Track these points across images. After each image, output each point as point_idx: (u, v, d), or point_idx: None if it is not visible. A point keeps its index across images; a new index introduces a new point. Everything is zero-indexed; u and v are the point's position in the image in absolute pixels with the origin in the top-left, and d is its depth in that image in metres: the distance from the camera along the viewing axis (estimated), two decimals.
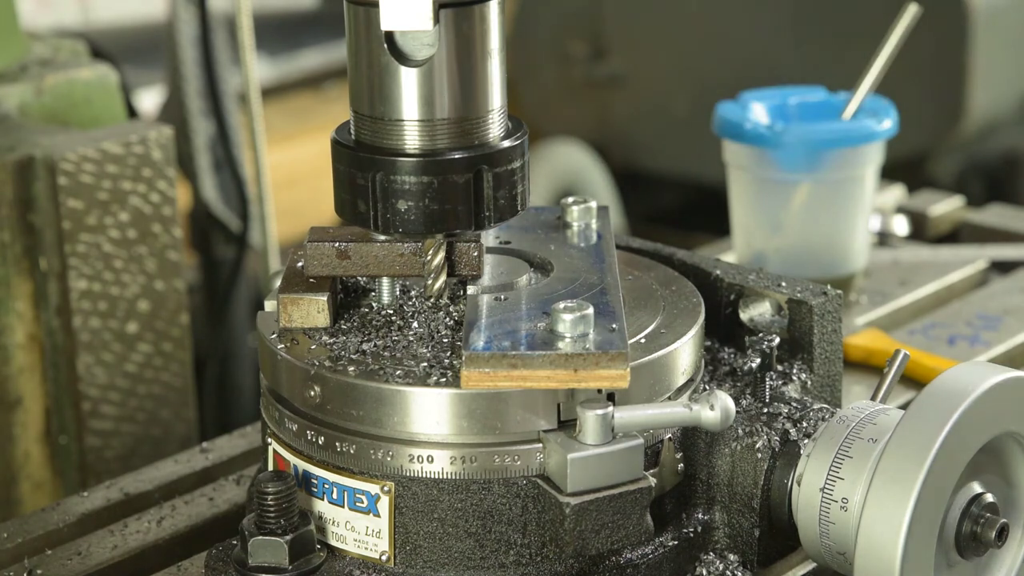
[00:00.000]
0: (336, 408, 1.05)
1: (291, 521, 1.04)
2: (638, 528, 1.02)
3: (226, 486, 1.28)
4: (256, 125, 2.04)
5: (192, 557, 1.17)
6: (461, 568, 1.05)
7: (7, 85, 1.69)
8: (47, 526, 1.23)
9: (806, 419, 1.10)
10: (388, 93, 1.07)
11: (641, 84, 3.72)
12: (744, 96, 1.59)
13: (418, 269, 1.12)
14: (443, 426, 1.03)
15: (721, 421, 1.03)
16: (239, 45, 2.01)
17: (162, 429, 1.67)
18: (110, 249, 1.60)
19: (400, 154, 1.07)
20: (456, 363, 1.05)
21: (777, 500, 1.09)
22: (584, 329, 1.02)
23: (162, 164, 1.62)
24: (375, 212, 1.08)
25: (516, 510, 1.04)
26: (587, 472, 1.01)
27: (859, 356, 1.46)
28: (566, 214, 1.25)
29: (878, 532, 0.97)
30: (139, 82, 2.99)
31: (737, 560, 1.11)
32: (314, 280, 1.12)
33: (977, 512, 1.02)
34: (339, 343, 1.09)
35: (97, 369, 1.61)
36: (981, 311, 1.57)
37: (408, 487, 1.05)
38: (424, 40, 1.06)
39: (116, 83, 1.78)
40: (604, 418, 1.01)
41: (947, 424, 0.97)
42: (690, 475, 1.11)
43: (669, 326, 1.11)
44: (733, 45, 3.51)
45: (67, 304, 1.58)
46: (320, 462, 1.07)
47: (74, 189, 1.56)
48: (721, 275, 1.22)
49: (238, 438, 1.37)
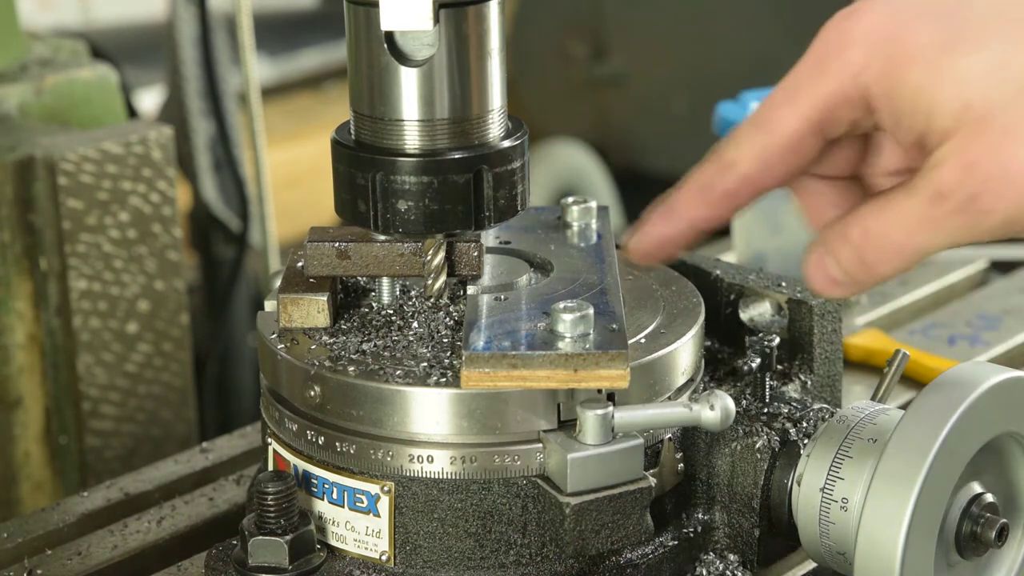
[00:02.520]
0: (336, 408, 1.05)
1: (291, 521, 1.04)
2: (638, 528, 1.02)
3: (226, 486, 1.28)
4: (256, 125, 2.04)
5: (192, 557, 1.17)
6: (461, 568, 1.05)
7: (7, 85, 1.69)
8: (47, 526, 1.23)
9: (806, 419, 1.10)
10: (388, 93, 1.07)
11: (641, 84, 3.72)
12: (744, 96, 1.59)
13: (418, 269, 1.12)
14: (443, 426, 1.03)
15: (721, 421, 1.03)
16: (239, 45, 2.01)
17: (162, 429, 1.67)
18: (110, 249, 1.60)
19: (400, 154, 1.07)
20: (456, 363, 1.05)
21: (777, 500, 1.09)
22: (584, 329, 1.01)
23: (162, 164, 1.62)
24: (375, 212, 1.08)
25: (516, 510, 1.04)
26: (587, 472, 1.01)
27: (859, 356, 1.46)
28: (566, 214, 1.25)
29: (878, 532, 0.97)
30: (139, 82, 2.99)
31: (737, 560, 1.11)
32: (314, 280, 1.12)
33: (977, 512, 1.02)
34: (339, 343, 1.09)
35: (97, 369, 1.61)
36: (981, 311, 1.57)
37: (408, 487, 1.05)
38: (424, 40, 1.06)
39: (116, 83, 1.78)
40: (604, 418, 1.01)
41: (947, 424, 0.97)
42: (690, 475, 1.11)
43: (669, 326, 1.11)
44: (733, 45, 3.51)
45: (67, 304, 1.59)
46: (320, 462, 1.07)
47: (74, 189, 1.56)
48: (721, 275, 1.22)
49: (238, 438, 1.37)
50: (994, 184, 0.87)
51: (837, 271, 0.94)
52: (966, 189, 0.88)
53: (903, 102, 0.90)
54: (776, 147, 0.94)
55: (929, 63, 0.89)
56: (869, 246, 0.92)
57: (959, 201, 0.88)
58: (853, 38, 0.91)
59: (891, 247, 0.92)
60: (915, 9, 0.90)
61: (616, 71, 3.74)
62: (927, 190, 0.89)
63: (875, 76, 0.90)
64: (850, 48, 0.91)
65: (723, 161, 0.95)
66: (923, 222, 0.90)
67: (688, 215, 0.98)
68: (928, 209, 0.89)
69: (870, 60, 0.90)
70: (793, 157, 0.94)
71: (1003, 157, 0.87)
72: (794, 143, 0.93)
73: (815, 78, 0.92)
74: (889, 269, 0.92)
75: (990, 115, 0.87)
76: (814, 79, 0.92)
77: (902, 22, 0.90)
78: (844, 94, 0.92)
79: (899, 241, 0.91)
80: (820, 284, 0.95)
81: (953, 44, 0.88)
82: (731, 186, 0.95)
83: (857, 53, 0.91)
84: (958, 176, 0.88)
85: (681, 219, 0.99)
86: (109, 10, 3.90)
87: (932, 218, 0.89)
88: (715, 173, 0.96)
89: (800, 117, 0.93)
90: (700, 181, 0.97)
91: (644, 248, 1.01)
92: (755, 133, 0.94)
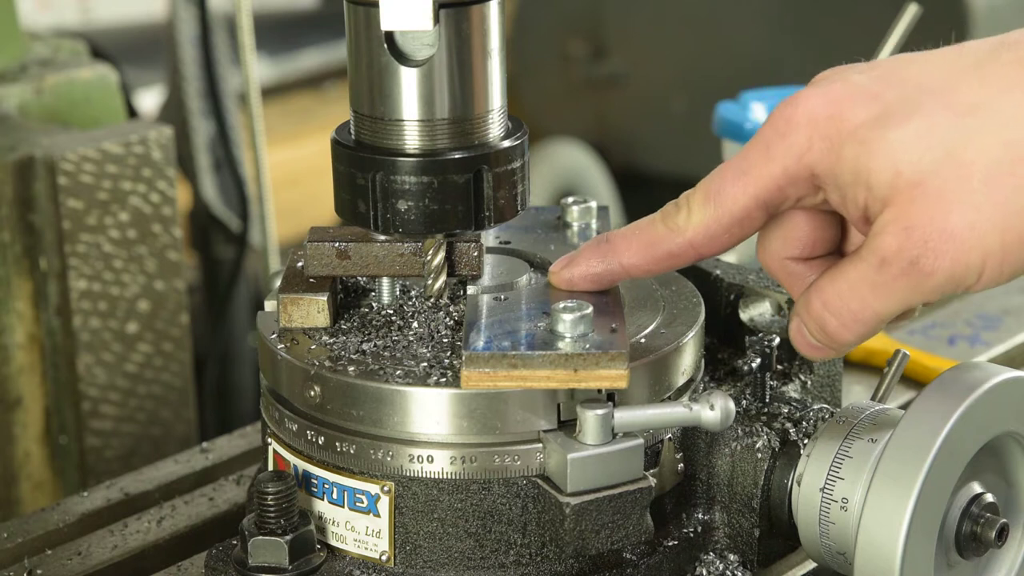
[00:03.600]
0: (336, 408, 1.05)
1: (291, 521, 1.04)
2: (638, 528, 1.02)
3: (226, 486, 1.28)
4: (256, 125, 2.04)
5: (192, 557, 1.17)
6: (461, 568, 1.05)
7: (7, 85, 1.69)
8: (47, 526, 1.23)
9: (806, 419, 1.10)
10: (388, 93, 1.07)
11: (641, 84, 3.72)
12: (744, 96, 1.59)
13: (418, 269, 1.12)
14: (443, 426, 1.03)
15: (721, 421, 1.03)
16: (239, 45, 2.01)
17: (162, 429, 1.67)
18: (110, 249, 1.60)
19: (400, 154, 1.07)
20: (456, 363, 1.05)
21: (777, 500, 1.09)
22: (584, 329, 1.01)
23: (162, 164, 1.62)
24: (375, 212, 1.08)
25: (516, 510, 1.04)
26: (587, 472, 1.01)
27: (859, 356, 1.46)
28: (566, 214, 1.25)
29: (878, 532, 0.97)
30: (139, 82, 2.99)
31: (737, 560, 1.11)
32: (314, 280, 1.12)
33: (977, 512, 1.02)
34: (339, 343, 1.09)
35: (97, 369, 1.61)
36: (981, 311, 1.57)
37: (408, 487, 1.05)
38: (424, 40, 1.06)
39: (116, 83, 1.78)
40: (604, 418, 1.01)
41: (947, 424, 0.97)
42: (690, 475, 1.11)
43: (669, 326, 1.11)
44: (733, 45, 3.51)
45: (67, 304, 1.59)
46: (320, 462, 1.07)
47: (74, 189, 1.56)
48: (721, 275, 1.22)
49: (238, 438, 1.37)
50: (933, 245, 0.93)
51: (812, 339, 1.01)
52: (907, 253, 0.94)
53: (844, 176, 0.96)
54: (724, 221, 1.01)
55: (863, 139, 0.95)
56: (828, 316, 0.99)
57: (902, 265, 0.94)
58: (797, 123, 0.97)
59: (848, 315, 0.98)
60: (849, 91, 0.97)
61: (616, 71, 3.74)
62: (872, 257, 0.95)
63: (818, 156, 0.97)
64: (794, 132, 0.97)
65: (672, 225, 1.02)
66: (873, 288, 0.96)
67: (626, 262, 1.05)
68: (875, 275, 0.95)
69: (812, 142, 0.97)
70: (738, 230, 1.01)
71: (938, 220, 0.93)
72: (741, 219, 1.00)
73: (764, 161, 0.99)
74: (852, 336, 0.99)
75: (922, 181, 0.93)
76: (763, 161, 0.99)
77: (838, 104, 0.97)
78: (790, 175, 0.98)
79: (855, 309, 0.98)
80: (804, 350, 1.02)
81: (884, 119, 0.95)
82: (675, 249, 1.03)
83: (800, 137, 0.97)
84: (899, 241, 0.94)
85: (616, 262, 1.06)
86: (109, 10, 3.90)
87: (880, 283, 0.96)
88: (663, 234, 1.03)
89: (749, 196, 1.00)
90: (647, 236, 1.04)
91: (569, 278, 1.08)
92: (706, 205, 1.01)
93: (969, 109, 0.94)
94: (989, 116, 0.94)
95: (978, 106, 0.94)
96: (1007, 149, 0.93)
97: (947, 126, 0.94)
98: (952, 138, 0.94)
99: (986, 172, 0.93)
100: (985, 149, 0.93)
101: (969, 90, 0.95)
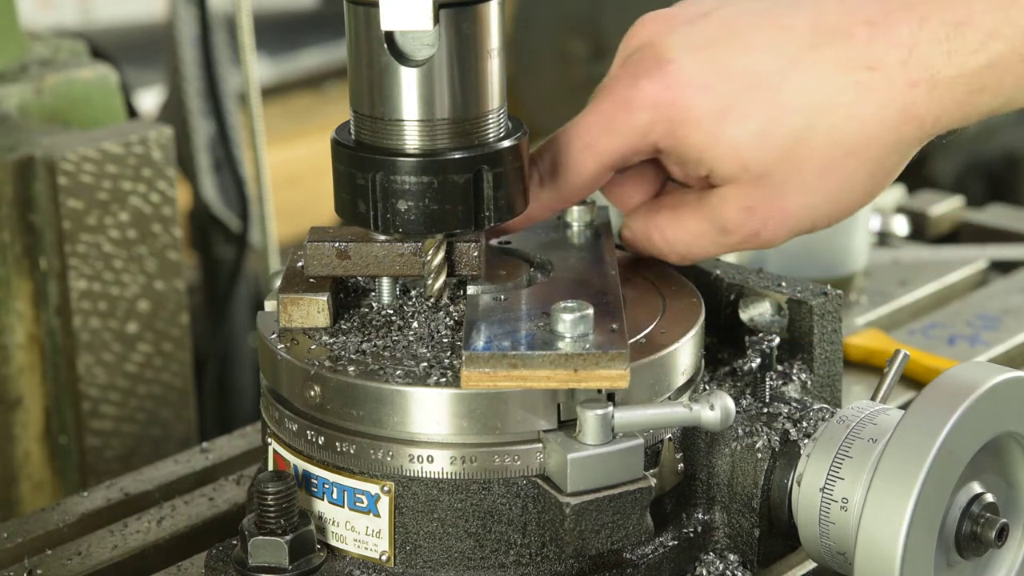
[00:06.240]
0: (336, 408, 1.05)
1: (291, 521, 1.04)
2: (638, 528, 1.02)
3: (226, 486, 1.28)
4: (256, 125, 2.04)
5: (192, 557, 1.17)
6: (461, 568, 1.05)
7: (7, 85, 1.69)
8: (47, 526, 1.23)
9: (806, 419, 1.10)
10: (388, 93, 1.07)
11: None
12: None
13: (418, 269, 1.12)
14: (443, 426, 1.03)
15: (721, 421, 1.03)
16: (239, 45, 2.01)
17: (162, 429, 1.67)
18: (110, 249, 1.60)
19: (400, 154, 1.07)
20: (456, 363, 1.05)
21: (777, 500, 1.09)
22: (584, 329, 1.01)
23: (162, 164, 1.62)
24: (375, 212, 1.08)
25: (516, 510, 1.04)
26: (587, 472, 1.01)
27: (859, 356, 1.46)
28: (566, 214, 1.25)
29: (878, 532, 0.97)
30: (139, 82, 2.99)
31: (737, 560, 1.11)
32: (314, 280, 1.12)
33: (977, 512, 1.02)
34: (339, 343, 1.09)
35: (97, 369, 1.61)
36: (981, 311, 1.57)
37: (408, 487, 1.05)
38: (424, 40, 1.06)
39: (116, 83, 1.78)
40: (604, 418, 1.01)
41: (947, 424, 0.97)
42: (690, 475, 1.11)
43: (669, 326, 1.11)
44: None
45: (67, 304, 1.59)
46: (320, 462, 1.07)
47: (74, 189, 1.56)
48: (721, 275, 1.22)
49: (238, 438, 1.37)
50: (773, 223, 1.10)
51: (642, 253, 1.19)
52: (748, 228, 1.11)
53: (688, 156, 1.10)
54: (574, 188, 1.15)
55: (706, 131, 1.08)
56: (668, 252, 1.16)
57: (743, 235, 1.11)
58: (639, 104, 1.09)
59: (685, 252, 1.16)
60: (687, 79, 1.08)
61: None
62: (715, 222, 1.12)
63: (661, 135, 1.10)
64: (638, 113, 1.10)
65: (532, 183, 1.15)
66: (713, 243, 1.13)
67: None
68: (716, 236, 1.13)
69: (655, 124, 1.09)
70: (586, 191, 1.16)
71: (776, 202, 1.09)
72: (589, 184, 1.15)
73: (608, 134, 1.11)
74: (682, 262, 1.17)
75: (765, 174, 1.08)
76: (607, 134, 1.12)
77: (679, 92, 1.08)
78: (634, 148, 1.12)
79: (695, 253, 1.16)
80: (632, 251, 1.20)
81: (724, 114, 1.08)
82: (535, 212, 1.16)
83: (643, 117, 1.10)
84: (741, 217, 1.10)
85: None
86: (109, 10, 3.89)
87: (721, 243, 1.13)
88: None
89: (596, 165, 1.13)
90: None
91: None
92: (555, 176, 1.14)
93: (798, 109, 1.06)
94: (818, 116, 1.06)
95: (808, 106, 1.06)
96: (836, 147, 1.07)
97: (783, 129, 1.07)
98: (787, 137, 1.07)
99: (819, 166, 1.07)
100: (817, 147, 1.07)
101: (797, 89, 1.07)
